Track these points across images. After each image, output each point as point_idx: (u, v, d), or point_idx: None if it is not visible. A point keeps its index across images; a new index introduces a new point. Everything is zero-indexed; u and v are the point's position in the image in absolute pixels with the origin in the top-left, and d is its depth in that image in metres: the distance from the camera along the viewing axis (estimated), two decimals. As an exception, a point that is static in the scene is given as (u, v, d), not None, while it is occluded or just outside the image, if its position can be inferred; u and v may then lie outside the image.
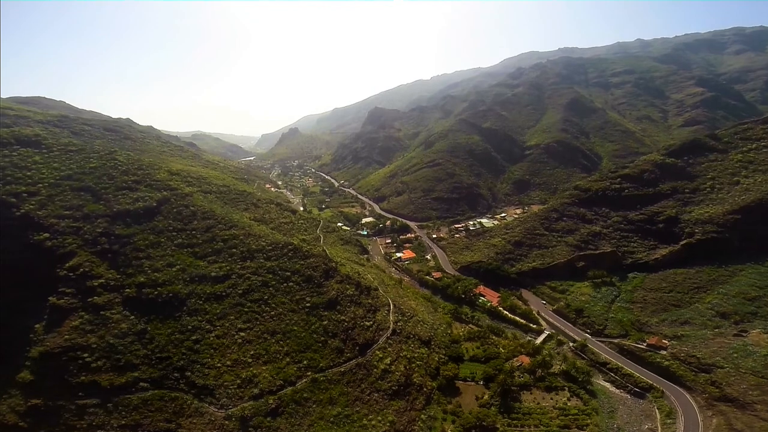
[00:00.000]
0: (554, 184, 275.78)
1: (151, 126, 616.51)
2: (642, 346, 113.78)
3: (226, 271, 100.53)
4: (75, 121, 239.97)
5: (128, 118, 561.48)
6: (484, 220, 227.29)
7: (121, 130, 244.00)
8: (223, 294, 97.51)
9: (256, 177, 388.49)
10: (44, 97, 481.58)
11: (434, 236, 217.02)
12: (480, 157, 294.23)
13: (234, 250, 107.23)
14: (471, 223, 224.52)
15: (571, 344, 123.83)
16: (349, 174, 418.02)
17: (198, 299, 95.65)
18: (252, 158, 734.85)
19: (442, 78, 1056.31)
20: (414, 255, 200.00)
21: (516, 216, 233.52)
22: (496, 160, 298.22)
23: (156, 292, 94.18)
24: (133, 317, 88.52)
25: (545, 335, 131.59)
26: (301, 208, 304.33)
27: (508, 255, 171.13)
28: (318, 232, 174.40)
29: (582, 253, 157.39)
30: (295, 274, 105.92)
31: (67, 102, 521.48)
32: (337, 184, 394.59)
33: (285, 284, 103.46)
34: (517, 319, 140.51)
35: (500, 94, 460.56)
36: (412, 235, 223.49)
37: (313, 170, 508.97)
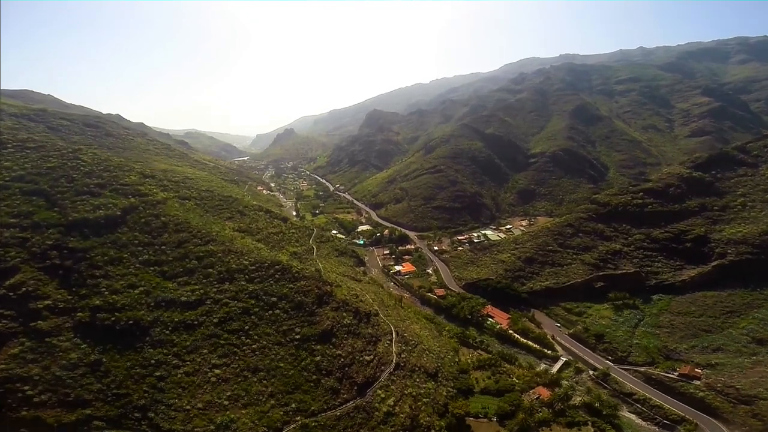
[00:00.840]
0: (560, 195, 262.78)
1: (142, 123, 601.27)
2: (673, 376, 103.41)
3: (200, 295, 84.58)
4: (53, 116, 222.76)
5: (118, 114, 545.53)
6: (488, 232, 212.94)
7: (103, 126, 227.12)
8: (195, 322, 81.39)
9: (248, 178, 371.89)
10: (32, 91, 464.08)
11: (435, 248, 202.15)
12: (483, 164, 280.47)
13: (210, 270, 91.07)
14: (475, 235, 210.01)
15: (591, 372, 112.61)
16: (345, 178, 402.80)
17: (164, 328, 79.67)
18: (246, 158, 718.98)
19: (441, 82, 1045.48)
20: (414, 269, 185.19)
21: (522, 228, 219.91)
22: (500, 168, 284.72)
23: (114, 318, 78.67)
24: (85, 346, 74.07)
25: (562, 362, 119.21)
26: (294, 213, 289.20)
27: (518, 272, 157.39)
28: (311, 242, 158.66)
29: (601, 273, 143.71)
30: (283, 299, 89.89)
31: (55, 96, 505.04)
32: (332, 188, 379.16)
33: (270, 312, 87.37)
34: (530, 343, 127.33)
35: (502, 100, 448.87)
36: (412, 246, 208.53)
37: (307, 172, 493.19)
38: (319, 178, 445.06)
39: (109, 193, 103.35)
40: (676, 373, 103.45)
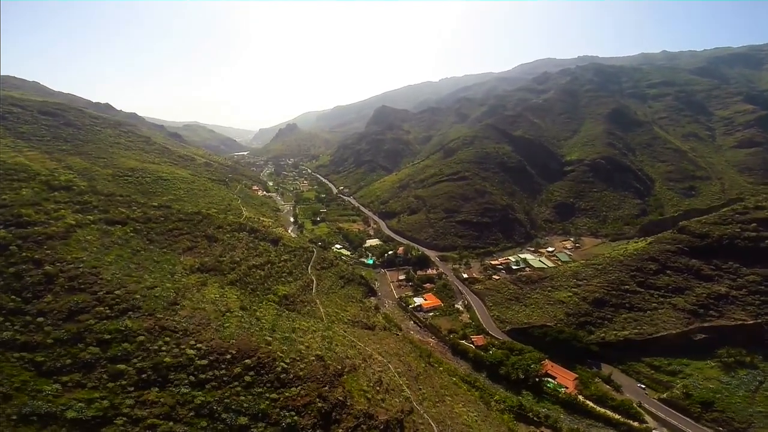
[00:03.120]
0: (603, 211, 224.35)
1: (135, 113, 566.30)
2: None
3: (103, 409, 46.05)
4: (3, 102, 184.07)
5: (107, 104, 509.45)
6: (528, 256, 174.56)
7: (63, 115, 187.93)
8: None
9: (242, 176, 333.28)
10: (13, 77, 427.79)
11: (465, 275, 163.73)
12: (513, 171, 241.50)
13: (124, 364, 50.81)
14: (513, 260, 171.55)
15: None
16: (350, 179, 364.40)
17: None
18: (246, 153, 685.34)
19: (450, 81, 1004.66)
20: (439, 302, 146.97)
21: (567, 252, 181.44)
22: (531, 176, 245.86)
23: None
24: None
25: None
26: (292, 220, 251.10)
27: (583, 317, 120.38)
28: (309, 271, 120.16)
29: (704, 324, 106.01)
30: (261, 419, 51.10)
31: (41, 83, 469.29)
32: (335, 191, 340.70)
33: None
34: (609, 413, 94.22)
35: (525, 99, 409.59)
36: (434, 271, 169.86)
37: (309, 171, 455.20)
38: (321, 177, 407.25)
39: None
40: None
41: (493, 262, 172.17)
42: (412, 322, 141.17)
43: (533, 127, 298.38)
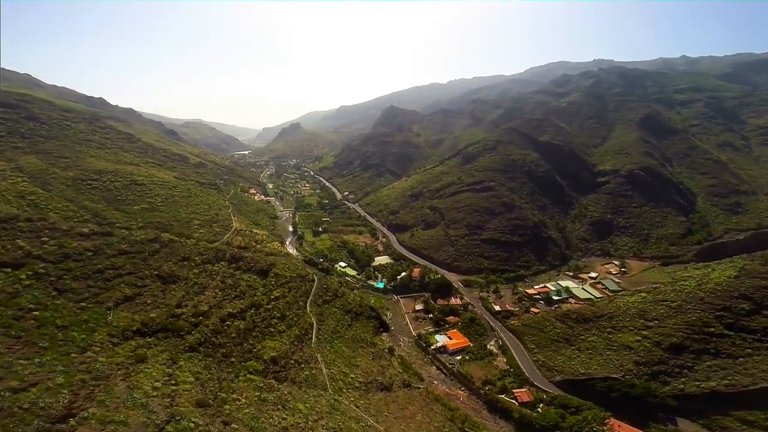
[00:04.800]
0: (645, 229, 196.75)
1: (131, 109, 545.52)
2: None
3: None
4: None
5: (100, 98, 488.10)
6: (570, 284, 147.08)
7: (26, 107, 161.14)
8: None
9: (239, 178, 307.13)
10: (5, 69, 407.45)
11: (496, 306, 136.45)
12: (542, 182, 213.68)
13: None
14: (552, 288, 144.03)
15: None
16: (355, 184, 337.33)
17: None
18: (247, 152, 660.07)
19: (460, 82, 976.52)
20: (468, 342, 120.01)
21: (614, 278, 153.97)
22: (562, 188, 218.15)
23: None
24: None
25: None
26: (291, 230, 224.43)
27: (657, 366, 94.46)
28: (308, 309, 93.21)
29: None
30: None
31: (32, 75, 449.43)
32: (339, 196, 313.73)
33: None
34: None
35: (544, 102, 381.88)
36: (458, 301, 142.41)
37: (311, 173, 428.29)
38: (324, 180, 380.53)
39: None
40: None
41: (528, 291, 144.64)
42: (434, 367, 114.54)
43: (561, 132, 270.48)
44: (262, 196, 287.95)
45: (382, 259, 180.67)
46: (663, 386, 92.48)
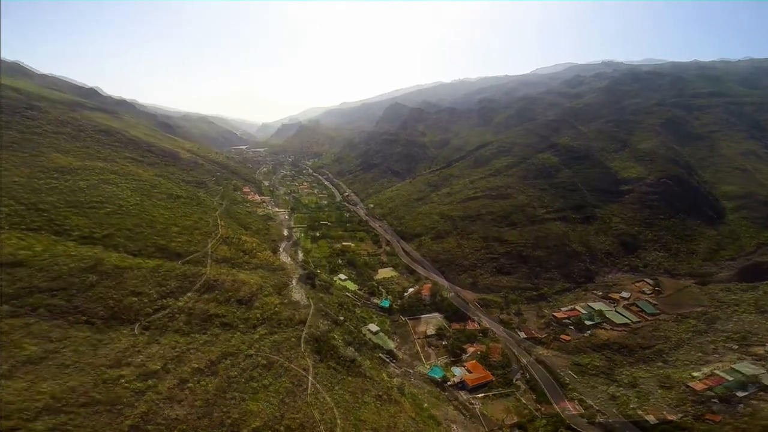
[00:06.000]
0: (675, 244, 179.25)
1: (123, 99, 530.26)
2: None
3: None
4: None
5: (92, 88, 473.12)
6: (601, 306, 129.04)
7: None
8: None
9: (233, 175, 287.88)
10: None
11: (521, 333, 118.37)
12: (563, 189, 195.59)
13: None
14: (582, 311, 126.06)
15: None
16: (356, 184, 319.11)
17: None
18: (245, 147, 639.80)
19: (465, 82, 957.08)
20: (490, 376, 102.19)
21: (648, 298, 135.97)
22: (584, 196, 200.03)
23: None
24: None
25: None
26: (285, 233, 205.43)
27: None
28: (302, 349, 74.83)
29: None
30: None
31: (23, 63, 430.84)
32: (339, 197, 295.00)
33: None
34: None
35: (557, 104, 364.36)
36: (476, 326, 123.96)
37: (310, 170, 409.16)
38: (323, 180, 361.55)
39: None
40: None
41: (556, 314, 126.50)
42: (452, 407, 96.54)
43: (580, 135, 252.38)
44: (257, 196, 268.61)
45: (386, 272, 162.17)
46: None
